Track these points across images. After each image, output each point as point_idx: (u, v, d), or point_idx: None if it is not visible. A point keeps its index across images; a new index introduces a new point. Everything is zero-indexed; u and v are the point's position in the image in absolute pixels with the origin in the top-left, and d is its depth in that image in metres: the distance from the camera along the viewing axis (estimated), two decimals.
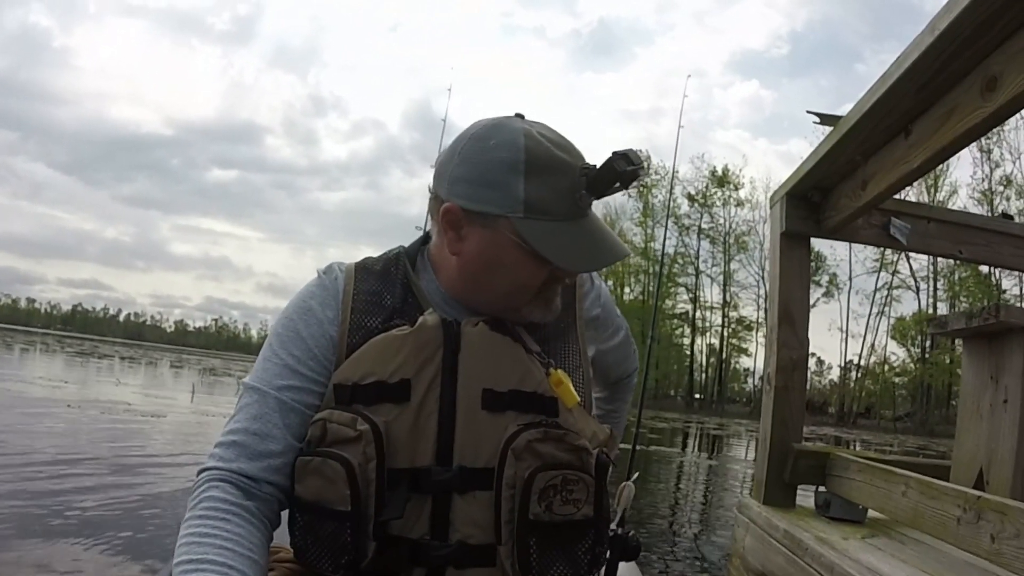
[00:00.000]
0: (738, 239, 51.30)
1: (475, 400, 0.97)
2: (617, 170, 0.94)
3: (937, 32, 1.44)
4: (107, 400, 10.01)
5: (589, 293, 1.18)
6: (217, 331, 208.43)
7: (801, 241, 2.39)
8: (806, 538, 1.82)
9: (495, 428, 0.96)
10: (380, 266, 1.12)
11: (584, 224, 0.99)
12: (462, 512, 0.95)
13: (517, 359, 1.00)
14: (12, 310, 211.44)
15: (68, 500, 4.00)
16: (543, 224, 0.97)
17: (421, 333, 1.00)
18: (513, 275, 1.01)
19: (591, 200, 0.99)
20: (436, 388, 0.98)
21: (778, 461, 2.27)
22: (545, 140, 0.97)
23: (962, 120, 1.54)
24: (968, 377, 2.51)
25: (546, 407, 0.98)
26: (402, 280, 1.09)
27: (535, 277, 1.01)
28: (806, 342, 2.35)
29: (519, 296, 1.03)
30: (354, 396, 0.97)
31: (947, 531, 1.58)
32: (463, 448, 0.96)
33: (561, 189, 0.97)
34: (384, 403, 0.96)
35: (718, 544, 4.81)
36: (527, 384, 0.98)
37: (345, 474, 0.91)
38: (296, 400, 1.00)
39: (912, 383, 47.41)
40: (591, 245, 1.00)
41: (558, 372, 0.99)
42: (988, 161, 40.36)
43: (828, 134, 2.02)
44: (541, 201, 0.96)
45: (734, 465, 11.73)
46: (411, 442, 0.96)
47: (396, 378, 0.97)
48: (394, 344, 0.99)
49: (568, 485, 0.94)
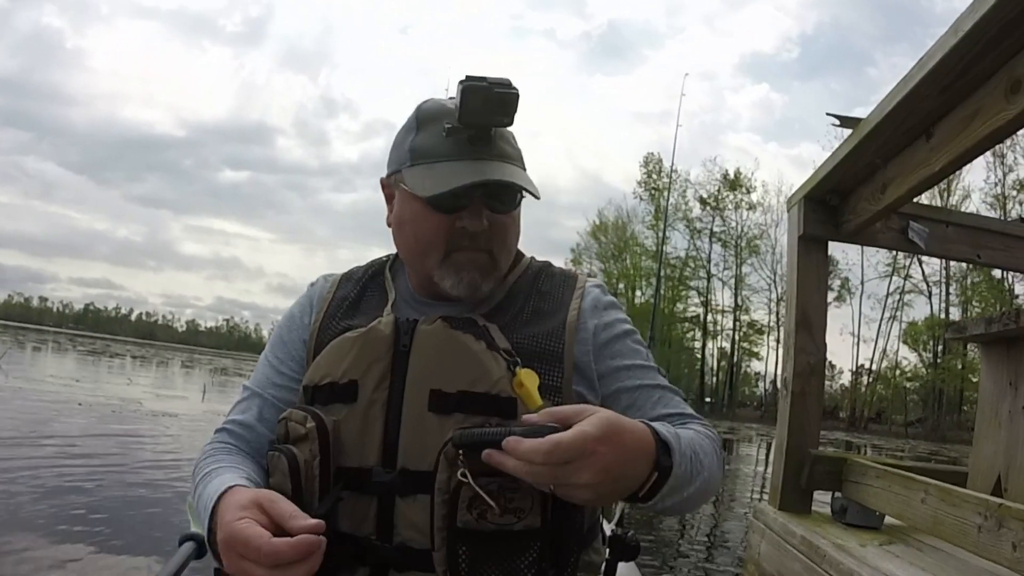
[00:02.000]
0: (750, 243, 51.15)
1: (422, 401, 0.96)
2: (469, 92, 0.94)
3: (961, 33, 1.42)
4: (119, 399, 10.06)
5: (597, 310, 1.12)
6: (228, 331, 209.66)
7: (819, 245, 2.37)
8: (824, 544, 1.81)
9: (440, 430, 0.94)
10: (362, 273, 1.20)
11: (470, 162, 1.00)
12: (403, 515, 0.95)
13: (471, 359, 0.98)
14: (25, 309, 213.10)
15: (77, 499, 4.02)
16: (424, 167, 1.02)
17: (371, 334, 1.02)
18: (415, 230, 1.05)
19: (471, 133, 1.00)
20: (384, 389, 0.99)
21: (794, 467, 2.25)
22: (446, 99, 1.04)
23: (986, 123, 1.52)
24: (986, 383, 2.48)
25: (502, 409, 0.95)
26: (379, 284, 1.16)
27: (431, 229, 1.03)
28: (823, 347, 2.33)
29: (429, 258, 1.05)
30: (314, 397, 1.02)
31: (967, 539, 1.56)
32: (407, 450, 0.96)
33: (440, 131, 1.01)
34: (335, 403, 1.00)
35: (730, 549, 4.78)
36: (480, 385, 0.96)
37: (288, 468, 0.94)
38: (277, 398, 1.11)
39: (924, 388, 47.18)
40: (459, 171, 0.99)
41: (522, 373, 0.96)
42: (1002, 165, 40.11)
43: (848, 137, 2.00)
44: (423, 147, 1.02)
45: (745, 469, 11.69)
46: (359, 442, 0.97)
47: (345, 379, 1.00)
48: (346, 345, 1.03)
49: (506, 492, 0.89)
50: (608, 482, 0.80)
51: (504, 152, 1.03)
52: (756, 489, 8.83)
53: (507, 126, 1.01)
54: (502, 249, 1.07)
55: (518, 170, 1.04)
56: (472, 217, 1.01)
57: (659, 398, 1.10)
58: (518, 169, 1.04)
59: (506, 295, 1.12)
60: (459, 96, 0.95)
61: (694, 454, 0.93)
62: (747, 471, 11.22)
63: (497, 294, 1.11)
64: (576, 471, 0.77)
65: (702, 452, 0.97)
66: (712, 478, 0.99)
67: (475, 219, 1.01)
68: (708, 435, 1.04)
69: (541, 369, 1.00)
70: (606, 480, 0.79)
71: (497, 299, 1.11)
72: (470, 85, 0.94)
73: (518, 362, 0.99)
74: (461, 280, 1.04)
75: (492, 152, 1.01)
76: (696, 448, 0.95)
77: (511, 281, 1.14)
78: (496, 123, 0.99)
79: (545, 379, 0.99)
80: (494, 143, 1.02)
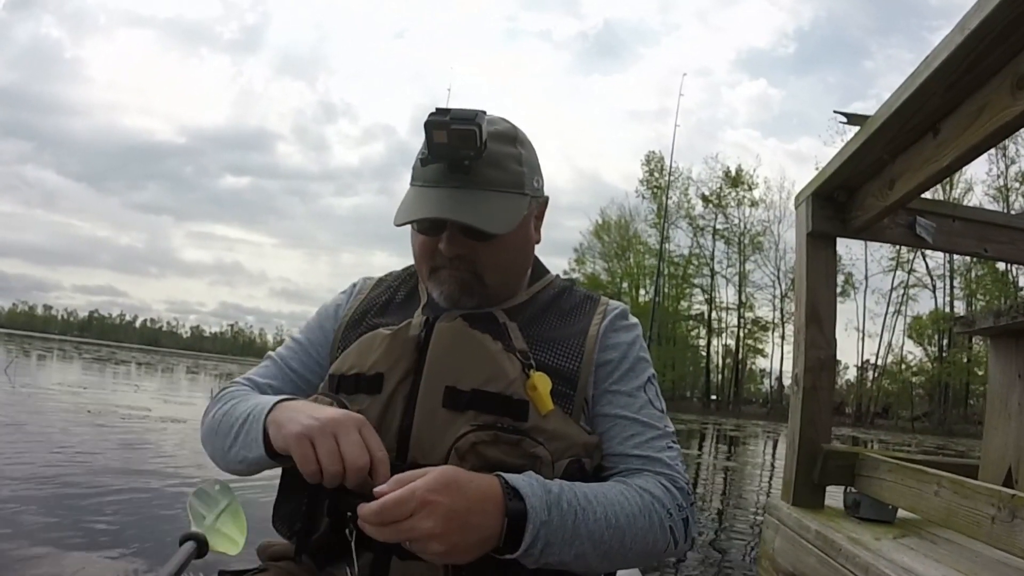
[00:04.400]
0: (753, 239, 51.16)
1: (437, 397, 0.99)
2: (430, 127, 0.98)
3: (967, 31, 1.44)
4: (127, 406, 10.08)
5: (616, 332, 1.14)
6: (233, 336, 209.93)
7: (827, 241, 2.39)
8: (839, 539, 1.82)
9: (452, 426, 0.96)
10: (397, 276, 1.27)
11: (442, 189, 1.03)
12: None
13: (488, 358, 1.00)
14: (30, 317, 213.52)
15: (90, 505, 4.04)
16: (410, 190, 1.07)
17: (401, 331, 1.06)
18: (412, 244, 1.11)
19: (439, 161, 1.02)
20: (407, 384, 1.01)
21: (807, 462, 2.26)
22: None
23: (992, 118, 1.53)
24: (995, 375, 2.50)
25: (513, 410, 0.97)
26: (411, 287, 1.22)
27: (419, 247, 1.10)
28: (833, 342, 2.34)
29: (422, 270, 1.12)
30: (339, 386, 1.06)
31: (981, 530, 1.57)
32: (418, 444, 0.98)
33: (422, 158, 1.04)
34: (360, 393, 1.03)
35: (739, 547, 4.79)
36: (494, 384, 0.98)
37: None
38: (296, 375, 1.21)
39: (930, 382, 47.11)
40: (424, 201, 1.03)
41: (536, 376, 0.99)
42: (1004, 157, 40.07)
43: (855, 134, 2.01)
44: (414, 171, 1.08)
45: (753, 467, 11.69)
46: (379, 432, 0.98)
47: (373, 371, 1.03)
48: (376, 341, 1.06)
49: None
50: (455, 530, 0.81)
51: (487, 179, 1.03)
52: (765, 484, 8.83)
53: (475, 158, 1.01)
54: (489, 270, 1.08)
55: (492, 201, 1.03)
56: (447, 243, 1.05)
57: (632, 434, 1.07)
58: (495, 198, 1.03)
59: (529, 299, 1.15)
60: (426, 126, 0.98)
61: (588, 506, 0.91)
62: (754, 470, 11.21)
63: (520, 296, 1.14)
64: (418, 522, 0.80)
65: (618, 508, 0.94)
66: (636, 537, 0.95)
67: (449, 245, 1.05)
68: (652, 492, 1.00)
69: (555, 378, 1.02)
70: (451, 528, 0.81)
71: (520, 300, 1.14)
72: (430, 121, 0.97)
73: (532, 365, 1.01)
74: (442, 293, 1.09)
75: (470, 180, 1.02)
76: (602, 502, 0.94)
77: (535, 290, 1.18)
78: (462, 156, 1.00)
79: (558, 387, 1.02)
80: (475, 170, 1.02)
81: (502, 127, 1.08)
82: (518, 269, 1.15)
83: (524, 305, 1.14)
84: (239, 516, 1.29)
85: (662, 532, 0.98)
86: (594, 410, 1.09)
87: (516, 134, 1.10)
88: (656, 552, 0.99)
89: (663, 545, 0.99)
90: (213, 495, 1.32)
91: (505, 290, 1.13)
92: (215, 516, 1.27)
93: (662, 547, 0.99)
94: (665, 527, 0.99)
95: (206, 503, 1.30)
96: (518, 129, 1.12)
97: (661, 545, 0.99)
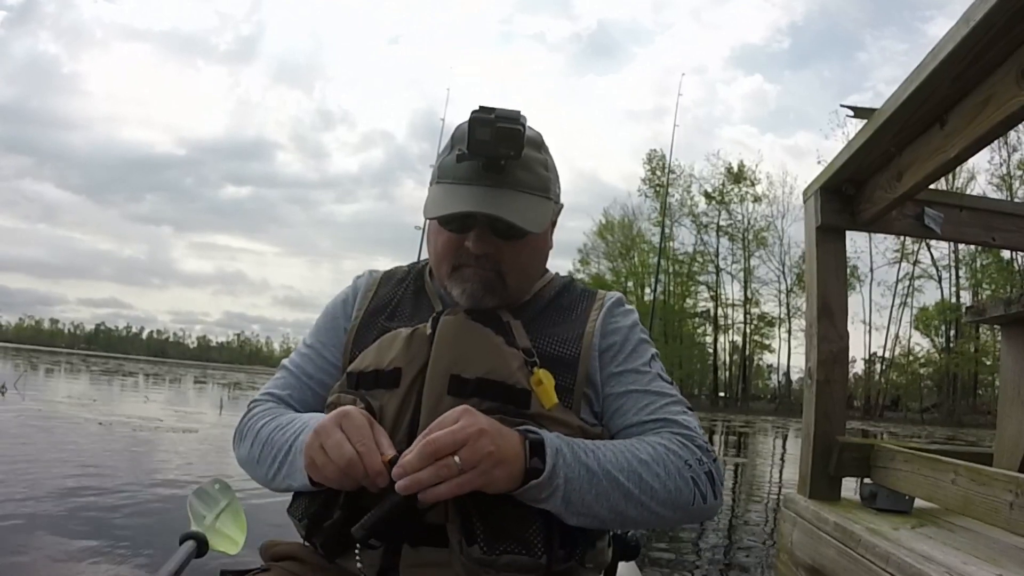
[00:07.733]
0: (757, 235, 51.05)
1: (443, 385, 1.01)
2: (475, 125, 0.99)
3: (972, 23, 1.46)
4: (138, 417, 10.11)
5: (614, 318, 1.16)
6: (239, 346, 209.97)
7: (837, 235, 2.40)
8: (857, 530, 1.83)
9: None
10: (403, 275, 1.27)
11: (476, 187, 1.04)
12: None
13: (490, 349, 1.04)
14: (36, 331, 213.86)
15: (107, 516, 4.05)
16: (439, 187, 1.08)
17: (418, 331, 1.08)
18: (434, 242, 1.13)
19: (475, 158, 1.03)
20: (422, 376, 1.04)
21: (822, 454, 2.27)
22: None
23: (998, 109, 1.55)
24: (1007, 363, 2.51)
25: (516, 398, 1.00)
26: (419, 287, 1.23)
27: (443, 245, 1.10)
28: (846, 335, 2.35)
29: (441, 269, 1.13)
30: (359, 382, 1.08)
31: (999, 517, 1.59)
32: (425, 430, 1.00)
33: (454, 155, 1.06)
34: (378, 388, 1.05)
35: (749, 546, 4.79)
36: (496, 373, 1.01)
37: None
38: (313, 380, 1.21)
39: (938, 373, 46.93)
40: (459, 197, 1.04)
41: (540, 372, 1.02)
42: (1006, 146, 39.91)
43: (862, 127, 2.03)
44: (444, 167, 1.08)
45: (763, 463, 11.68)
46: (397, 424, 1.02)
47: (391, 367, 1.05)
48: (394, 339, 1.09)
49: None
50: (496, 433, 0.87)
51: (518, 180, 1.06)
52: (777, 479, 8.82)
53: (514, 158, 1.03)
54: (512, 270, 1.11)
55: (522, 201, 1.06)
56: (476, 240, 1.07)
57: (647, 403, 1.09)
58: (525, 199, 1.06)
59: (532, 298, 1.18)
60: (467, 127, 1.00)
61: (598, 449, 0.96)
62: (765, 465, 11.20)
63: (523, 296, 1.17)
64: (464, 425, 0.87)
65: (630, 454, 0.98)
66: (657, 478, 0.97)
67: (478, 242, 1.07)
68: (666, 446, 1.02)
69: (556, 372, 1.04)
70: (493, 428, 0.88)
71: (523, 300, 1.17)
72: (476, 117, 0.99)
73: (536, 362, 1.04)
74: (464, 292, 1.10)
75: (504, 180, 1.05)
76: (612, 448, 0.98)
77: (536, 288, 1.20)
78: (502, 155, 1.02)
79: (559, 381, 1.04)
80: (509, 171, 1.05)
81: (531, 132, 1.10)
82: (534, 273, 1.18)
83: (527, 304, 1.17)
84: (239, 516, 1.31)
85: (683, 481, 0.99)
86: (605, 391, 1.11)
87: (542, 141, 1.14)
88: (682, 503, 0.99)
89: (688, 495, 0.99)
90: (213, 495, 1.34)
91: (520, 293, 1.16)
92: (215, 516, 1.29)
93: (687, 497, 0.99)
94: (686, 477, 0.99)
95: (206, 503, 1.32)
96: (542, 136, 1.15)
97: (687, 495, 0.99)
